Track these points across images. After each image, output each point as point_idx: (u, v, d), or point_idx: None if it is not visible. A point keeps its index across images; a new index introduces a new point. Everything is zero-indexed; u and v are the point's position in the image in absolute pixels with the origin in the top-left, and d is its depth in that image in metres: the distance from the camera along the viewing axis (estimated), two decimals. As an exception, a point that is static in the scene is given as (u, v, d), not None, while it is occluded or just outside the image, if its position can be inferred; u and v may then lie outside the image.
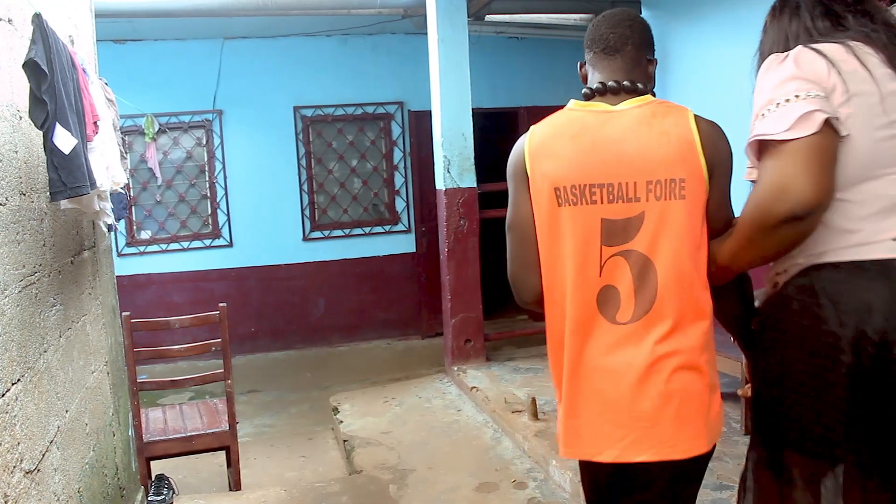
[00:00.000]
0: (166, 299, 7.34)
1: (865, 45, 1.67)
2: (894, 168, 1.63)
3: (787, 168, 1.56)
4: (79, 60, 2.54)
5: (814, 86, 1.60)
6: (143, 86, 7.09)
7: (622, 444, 1.78)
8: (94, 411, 2.98)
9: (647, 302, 1.77)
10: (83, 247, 3.06)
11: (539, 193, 1.85)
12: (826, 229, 1.64)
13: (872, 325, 1.57)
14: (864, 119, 1.61)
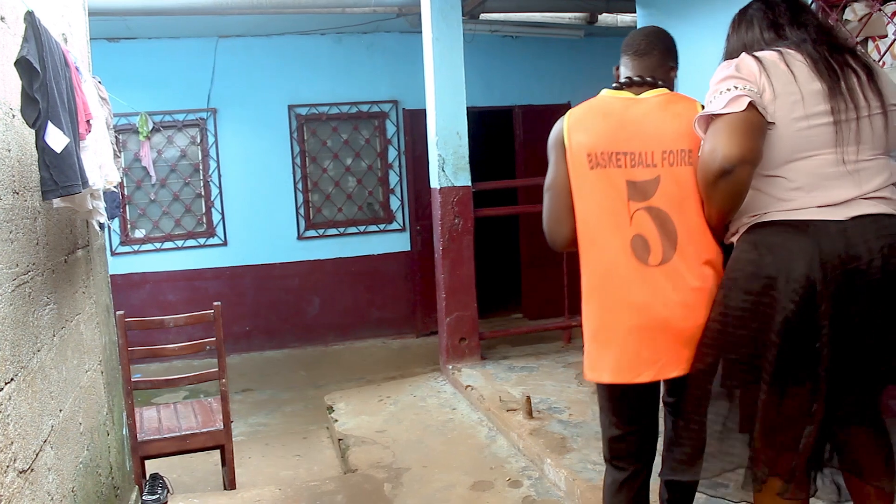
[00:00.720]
0: (161, 298, 7.33)
1: (796, 53, 2.10)
2: (815, 151, 2.04)
3: (719, 135, 2.00)
4: (72, 59, 2.53)
5: (748, 83, 2.03)
6: (137, 84, 7.07)
7: (657, 365, 2.20)
8: (89, 410, 2.97)
9: (670, 248, 2.19)
10: (77, 245, 3.05)
11: (575, 159, 2.31)
12: (766, 197, 2.07)
13: (797, 269, 1.96)
14: (787, 112, 2.04)
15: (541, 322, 7.25)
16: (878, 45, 3.78)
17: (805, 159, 2.05)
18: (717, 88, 2.07)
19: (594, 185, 2.27)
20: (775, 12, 2.23)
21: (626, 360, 2.23)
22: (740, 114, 1.98)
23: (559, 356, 5.59)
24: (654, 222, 2.20)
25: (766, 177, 2.07)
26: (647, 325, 2.19)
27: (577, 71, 8.18)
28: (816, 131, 2.04)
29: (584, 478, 3.48)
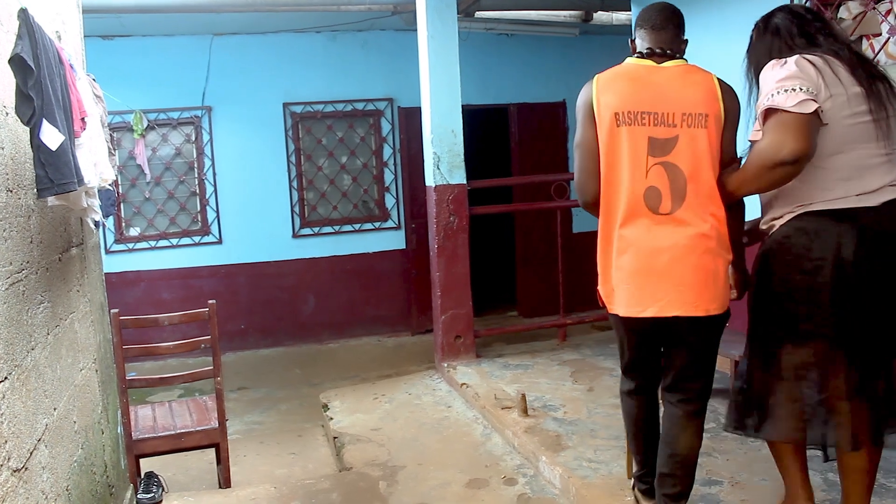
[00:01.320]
0: (155, 296, 7.32)
1: (835, 59, 2.42)
2: (855, 145, 2.39)
3: (788, 131, 2.30)
4: (66, 56, 2.52)
5: (810, 84, 2.33)
6: (132, 82, 7.06)
7: (661, 303, 2.54)
8: (83, 409, 2.97)
9: (679, 199, 2.54)
10: (71, 244, 3.04)
11: (603, 117, 2.62)
12: (811, 187, 2.41)
13: (843, 253, 2.36)
14: (837, 111, 2.36)
15: (536, 320, 7.25)
16: (872, 44, 3.79)
17: (846, 153, 2.39)
18: (781, 85, 2.34)
19: (620, 140, 2.59)
20: (803, 21, 2.55)
21: (635, 296, 2.58)
22: (808, 117, 2.30)
23: (554, 354, 5.59)
24: (667, 176, 2.54)
25: (812, 168, 2.38)
26: (653, 268, 2.55)
27: (572, 69, 8.17)
28: (859, 128, 2.39)
29: (579, 475, 3.49)
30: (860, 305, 2.38)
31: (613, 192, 2.62)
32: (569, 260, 6.11)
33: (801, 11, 2.61)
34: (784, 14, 2.59)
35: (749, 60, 2.67)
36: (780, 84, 2.34)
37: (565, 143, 8.25)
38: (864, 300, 2.38)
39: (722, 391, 4.33)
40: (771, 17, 2.62)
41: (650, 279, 2.55)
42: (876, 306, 2.38)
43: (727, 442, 3.72)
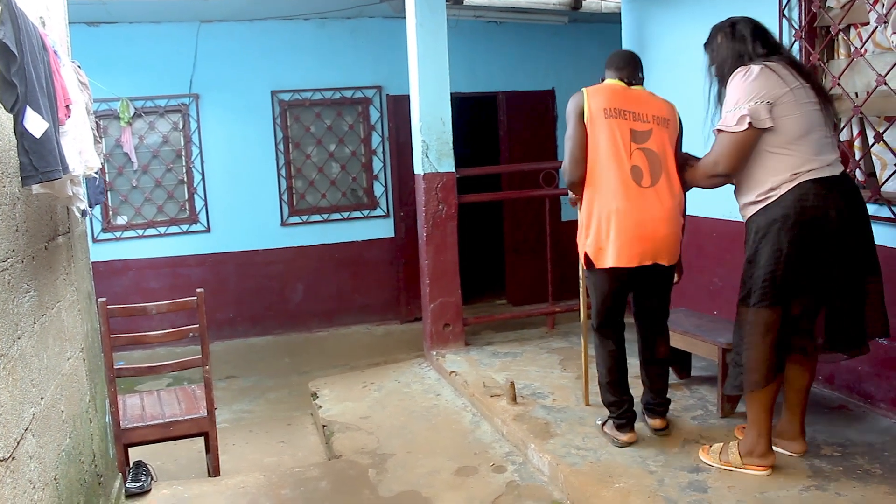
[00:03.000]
0: (143, 285, 7.29)
1: (788, 64, 3.05)
2: (816, 127, 2.99)
3: (724, 150, 3.08)
4: (50, 42, 2.50)
5: (765, 94, 2.95)
6: (118, 69, 7.01)
7: (645, 255, 3.34)
8: (71, 398, 2.95)
9: (656, 177, 3.35)
10: (57, 232, 3.02)
11: (594, 114, 3.38)
12: (800, 160, 2.96)
13: (830, 210, 2.93)
14: (800, 99, 2.97)
15: (525, 308, 7.26)
16: (861, 33, 3.80)
17: (814, 132, 2.98)
18: (735, 104, 3.00)
19: (608, 129, 3.35)
20: (760, 32, 3.14)
21: (625, 252, 3.31)
22: (740, 134, 3.00)
23: (543, 342, 5.60)
24: (646, 159, 3.36)
25: (792, 146, 2.97)
26: (643, 231, 3.30)
27: (561, 57, 8.17)
28: (816, 113, 2.99)
29: (568, 462, 3.50)
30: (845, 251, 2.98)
31: (604, 170, 3.35)
32: (557, 248, 6.11)
33: (760, 25, 3.17)
34: (747, 23, 3.16)
35: (712, 58, 3.27)
36: (735, 104, 3.00)
37: (554, 131, 8.24)
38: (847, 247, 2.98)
39: (710, 378, 4.36)
40: (736, 25, 3.17)
41: (639, 239, 3.31)
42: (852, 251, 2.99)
43: (714, 430, 3.74)
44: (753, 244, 3.06)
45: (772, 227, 2.98)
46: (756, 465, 3.20)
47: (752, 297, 3.04)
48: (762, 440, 3.18)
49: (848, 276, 2.99)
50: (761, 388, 3.07)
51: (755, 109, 2.94)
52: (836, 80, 3.87)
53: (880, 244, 3.61)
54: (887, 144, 3.62)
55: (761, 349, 3.04)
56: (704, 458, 3.38)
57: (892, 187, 3.68)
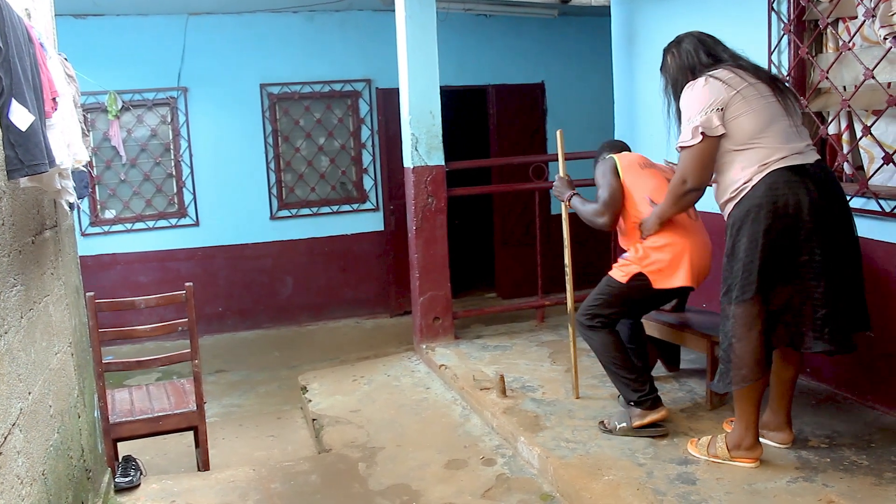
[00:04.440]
0: (132, 279, 7.27)
1: (737, 68, 3.14)
2: (777, 118, 3.05)
3: (686, 167, 3.18)
4: (36, 35, 2.48)
5: (709, 105, 3.05)
6: (106, 62, 6.97)
7: (699, 277, 3.62)
8: (59, 393, 2.94)
9: (696, 214, 3.69)
10: (45, 226, 3.00)
11: (628, 170, 3.75)
12: (767, 151, 3.01)
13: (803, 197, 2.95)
14: (750, 101, 3.04)
15: (514, 301, 7.27)
16: (849, 27, 3.81)
17: (777, 123, 3.05)
18: (688, 119, 3.12)
19: (651, 177, 3.74)
20: (707, 44, 3.27)
21: (693, 274, 3.56)
22: (697, 146, 3.10)
23: (532, 335, 5.61)
24: None
25: (756, 140, 3.03)
26: (700, 259, 3.60)
27: (550, 50, 8.17)
28: (774, 106, 3.06)
29: (558, 455, 3.51)
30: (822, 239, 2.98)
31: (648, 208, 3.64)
32: (547, 241, 6.12)
33: (705, 37, 3.30)
34: (691, 38, 3.30)
35: (665, 79, 3.39)
36: (688, 119, 3.11)
37: (544, 124, 8.25)
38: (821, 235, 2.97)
39: (699, 371, 4.38)
40: (680, 42, 3.32)
41: (700, 265, 3.60)
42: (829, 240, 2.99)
43: (703, 422, 3.76)
44: (730, 238, 3.09)
45: (746, 218, 3.01)
46: (743, 458, 3.22)
47: (734, 291, 3.05)
48: (750, 433, 3.20)
49: (828, 264, 2.98)
50: (751, 383, 3.08)
51: (706, 119, 3.03)
52: (824, 73, 3.88)
53: (869, 237, 3.65)
54: (875, 138, 3.64)
55: (748, 343, 3.04)
56: (692, 451, 3.40)
57: (879, 181, 3.70)
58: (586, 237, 5.45)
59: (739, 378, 3.08)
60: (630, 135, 5.61)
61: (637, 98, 5.46)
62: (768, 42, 4.18)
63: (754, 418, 3.19)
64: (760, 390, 3.15)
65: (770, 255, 2.97)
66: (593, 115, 7.80)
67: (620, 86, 5.69)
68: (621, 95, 5.69)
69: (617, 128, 5.79)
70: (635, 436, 3.62)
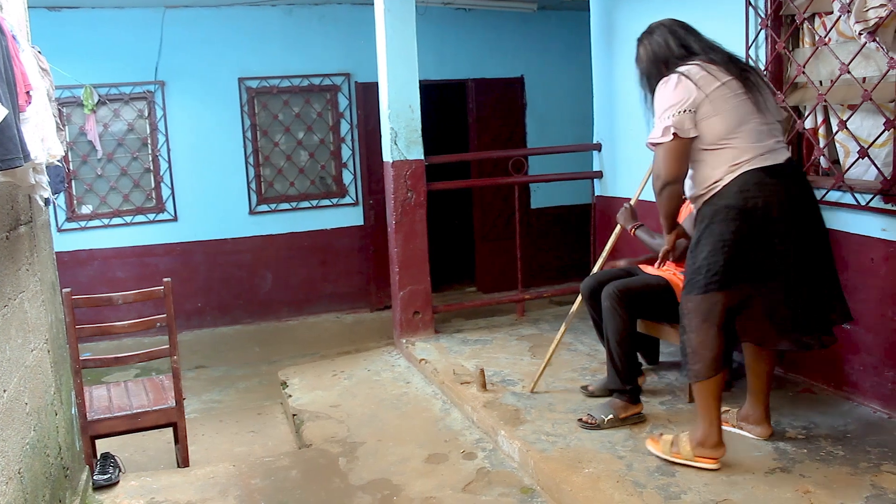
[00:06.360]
0: (109, 275, 7.21)
1: (708, 63, 3.06)
2: (749, 117, 3.02)
3: (661, 160, 3.10)
4: (8, 27, 2.44)
5: (686, 101, 3.00)
6: (81, 56, 6.89)
7: None
8: (35, 390, 2.91)
9: None
10: (19, 221, 2.97)
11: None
12: (738, 152, 3.00)
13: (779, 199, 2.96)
14: (721, 102, 3.00)
15: (494, 295, 7.29)
16: (825, 22, 3.84)
17: (748, 122, 3.02)
18: (660, 117, 3.07)
19: None
20: (679, 35, 3.19)
21: None
22: (669, 143, 3.04)
23: (512, 329, 5.63)
24: None
25: (728, 140, 3.01)
26: None
27: (530, 44, 8.18)
28: (746, 105, 3.02)
29: (538, 448, 3.52)
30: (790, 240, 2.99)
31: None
32: (527, 235, 6.13)
33: (676, 27, 3.22)
34: (662, 29, 3.23)
35: (640, 71, 3.33)
36: (660, 116, 3.06)
37: (523, 118, 8.26)
38: (791, 236, 2.98)
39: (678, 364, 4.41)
40: (652, 33, 3.26)
41: None
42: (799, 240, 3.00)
43: (682, 415, 3.79)
44: (696, 234, 3.10)
45: (715, 217, 3.01)
46: (706, 458, 3.16)
47: (694, 286, 3.05)
48: (713, 430, 3.15)
49: (800, 263, 2.99)
50: (707, 379, 3.07)
51: (679, 120, 3.00)
52: (801, 68, 3.91)
53: (845, 230, 3.69)
54: (850, 132, 3.67)
55: (703, 339, 3.05)
56: (653, 450, 3.33)
57: (855, 174, 3.73)
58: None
59: (694, 373, 3.09)
60: (609, 128, 5.63)
61: (616, 92, 5.48)
62: (746, 37, 4.21)
63: (716, 413, 3.15)
64: (719, 385, 3.13)
65: (736, 254, 2.97)
66: (573, 109, 7.84)
67: (599, 80, 5.71)
68: (600, 89, 5.70)
69: (596, 122, 5.80)
70: (621, 426, 3.65)
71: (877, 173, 3.59)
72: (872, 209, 3.56)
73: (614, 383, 3.78)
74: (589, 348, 4.89)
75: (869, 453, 3.22)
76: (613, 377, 3.77)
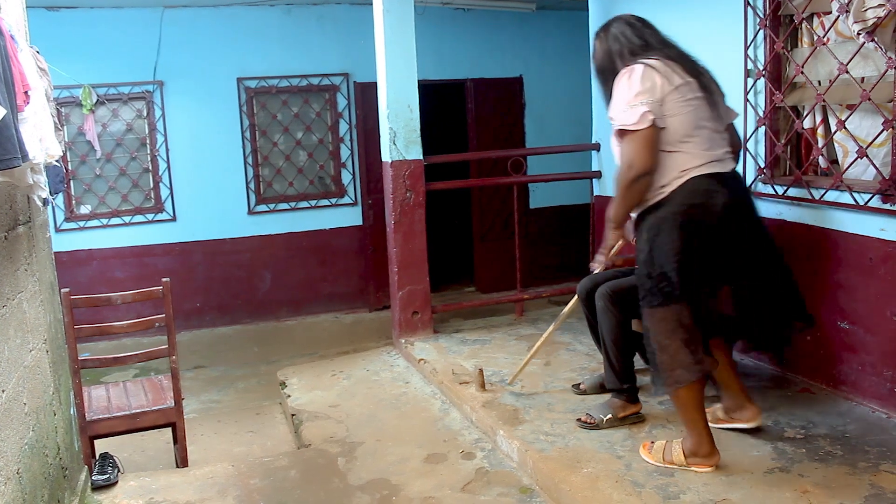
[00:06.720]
0: (108, 275, 7.20)
1: (668, 60, 3.01)
2: (704, 122, 2.99)
3: (635, 148, 2.95)
4: (6, 27, 2.44)
5: (652, 92, 2.92)
6: (80, 55, 6.89)
7: None
8: (34, 391, 2.91)
9: None
10: (18, 222, 2.97)
11: None
12: (689, 157, 2.97)
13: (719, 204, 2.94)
14: (682, 103, 2.95)
15: (493, 295, 7.29)
16: (823, 22, 3.84)
17: (703, 128, 2.99)
18: (628, 103, 2.95)
19: None
20: (637, 29, 3.15)
21: None
22: (647, 130, 2.93)
23: (511, 329, 5.62)
24: None
25: (681, 144, 2.97)
26: None
27: (529, 44, 8.18)
28: (703, 108, 2.99)
29: (537, 448, 3.52)
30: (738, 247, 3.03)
31: None
32: (526, 235, 6.13)
33: (634, 21, 3.19)
34: (620, 23, 3.19)
35: (596, 66, 3.29)
36: (628, 102, 2.95)
37: (522, 118, 8.26)
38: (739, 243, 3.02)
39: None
40: (609, 27, 3.22)
41: None
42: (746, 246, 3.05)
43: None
44: (646, 243, 3.04)
45: (664, 225, 2.97)
46: (700, 465, 3.13)
47: (655, 298, 3.01)
48: (704, 439, 3.12)
49: (747, 270, 3.03)
50: (689, 383, 3.02)
51: (654, 107, 2.93)
52: (799, 68, 3.91)
53: (843, 230, 3.69)
54: (849, 132, 3.67)
55: (677, 345, 3.00)
56: (646, 457, 3.29)
57: (853, 174, 3.73)
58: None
59: (675, 380, 3.03)
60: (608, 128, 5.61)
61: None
62: (744, 36, 4.21)
63: (703, 422, 3.11)
64: (697, 393, 3.07)
65: (688, 262, 2.94)
66: (571, 109, 7.84)
67: (598, 80, 5.70)
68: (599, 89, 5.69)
69: (595, 121, 5.80)
70: (619, 426, 3.65)
71: (875, 173, 3.60)
72: (871, 209, 3.56)
73: (612, 383, 3.77)
74: (588, 348, 4.89)
75: (868, 453, 3.22)
76: (611, 377, 3.77)
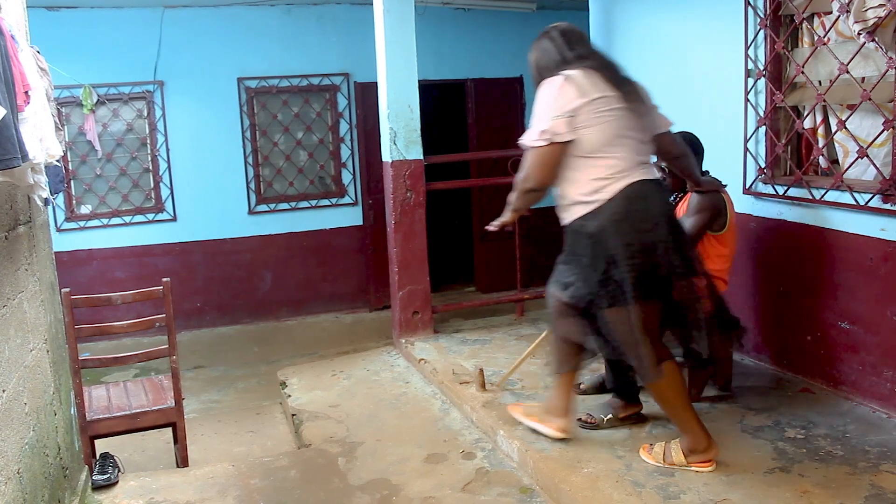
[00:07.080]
0: (109, 275, 7.20)
1: (593, 71, 3.04)
2: (629, 131, 3.02)
3: (532, 166, 3.12)
4: (6, 26, 2.44)
5: (565, 107, 2.98)
6: (80, 55, 6.88)
7: None
8: (34, 390, 2.91)
9: None
10: (18, 221, 2.97)
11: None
12: (624, 162, 3.00)
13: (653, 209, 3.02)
14: (601, 114, 2.98)
15: (493, 295, 7.29)
16: (824, 22, 3.84)
17: (625, 138, 3.02)
18: (538, 120, 3.07)
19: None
20: (569, 39, 3.19)
21: None
22: (542, 149, 3.06)
23: (511, 329, 5.63)
24: None
25: (606, 152, 3.01)
26: None
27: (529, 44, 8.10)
28: (628, 118, 3.02)
29: (537, 448, 3.52)
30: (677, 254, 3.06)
31: None
32: (526, 235, 6.13)
33: (568, 30, 3.24)
34: (556, 32, 3.24)
35: (532, 70, 3.32)
36: (537, 119, 3.06)
37: (522, 118, 8.25)
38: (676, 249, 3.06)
39: (676, 363, 4.40)
40: (543, 38, 3.29)
41: None
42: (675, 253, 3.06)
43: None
44: (586, 249, 3.08)
45: (604, 232, 3.00)
46: (700, 462, 3.15)
47: (604, 300, 3.06)
48: (699, 435, 3.14)
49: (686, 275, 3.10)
50: (660, 377, 3.10)
51: (555, 125, 2.99)
52: (799, 68, 3.91)
53: (844, 230, 3.69)
54: (849, 132, 3.67)
55: (637, 340, 3.06)
56: (647, 459, 3.29)
57: (854, 174, 3.73)
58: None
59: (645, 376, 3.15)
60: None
61: (615, 92, 5.47)
62: (745, 36, 4.21)
63: (693, 416, 3.15)
64: (677, 386, 3.15)
65: (627, 267, 2.97)
66: (572, 109, 7.81)
67: (598, 80, 5.69)
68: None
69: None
70: (620, 426, 3.65)
71: (876, 173, 3.60)
72: (871, 209, 3.56)
73: (612, 383, 3.77)
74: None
75: (868, 453, 3.23)
76: (611, 377, 3.77)
